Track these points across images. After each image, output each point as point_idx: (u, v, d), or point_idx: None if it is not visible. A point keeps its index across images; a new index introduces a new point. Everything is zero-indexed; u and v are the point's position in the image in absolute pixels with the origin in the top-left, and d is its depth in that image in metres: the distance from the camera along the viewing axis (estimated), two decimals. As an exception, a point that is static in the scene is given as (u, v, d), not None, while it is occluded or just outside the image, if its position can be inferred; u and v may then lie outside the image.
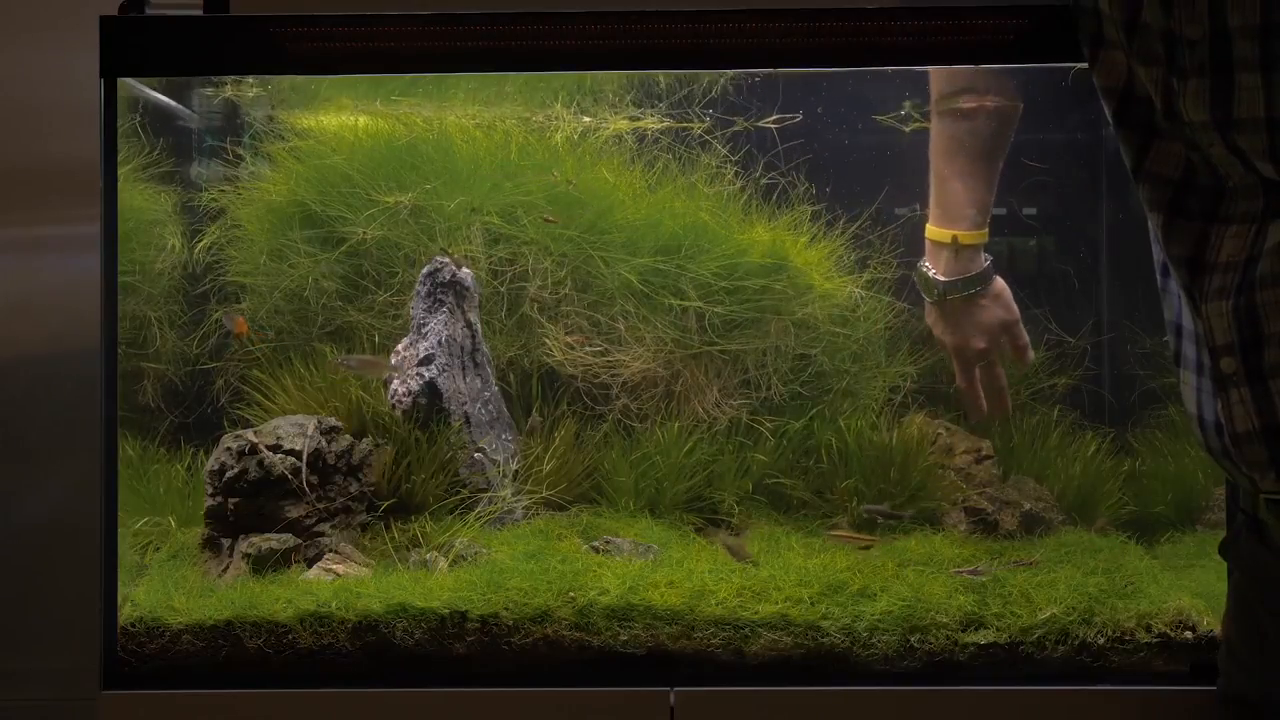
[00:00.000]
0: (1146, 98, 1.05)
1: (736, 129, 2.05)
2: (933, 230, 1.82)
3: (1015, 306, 1.86)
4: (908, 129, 2.00)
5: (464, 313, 1.97)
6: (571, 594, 1.64)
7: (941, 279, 1.80)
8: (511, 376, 2.04)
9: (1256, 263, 0.97)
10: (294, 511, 1.78)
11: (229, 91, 2.06)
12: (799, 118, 2.02)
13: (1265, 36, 0.92)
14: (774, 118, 2.02)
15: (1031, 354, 1.89)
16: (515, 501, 1.92)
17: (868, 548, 1.79)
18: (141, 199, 2.03)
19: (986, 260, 1.83)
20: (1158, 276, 1.20)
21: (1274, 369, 0.98)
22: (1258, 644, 1.02)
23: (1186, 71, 0.98)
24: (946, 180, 1.78)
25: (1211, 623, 1.56)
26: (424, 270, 1.95)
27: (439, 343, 1.92)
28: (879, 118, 2.03)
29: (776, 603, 1.63)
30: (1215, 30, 0.96)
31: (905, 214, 2.03)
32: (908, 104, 2.00)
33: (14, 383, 2.13)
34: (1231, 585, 1.22)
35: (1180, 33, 0.98)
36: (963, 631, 1.61)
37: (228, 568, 1.75)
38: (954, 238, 1.79)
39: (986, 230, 1.83)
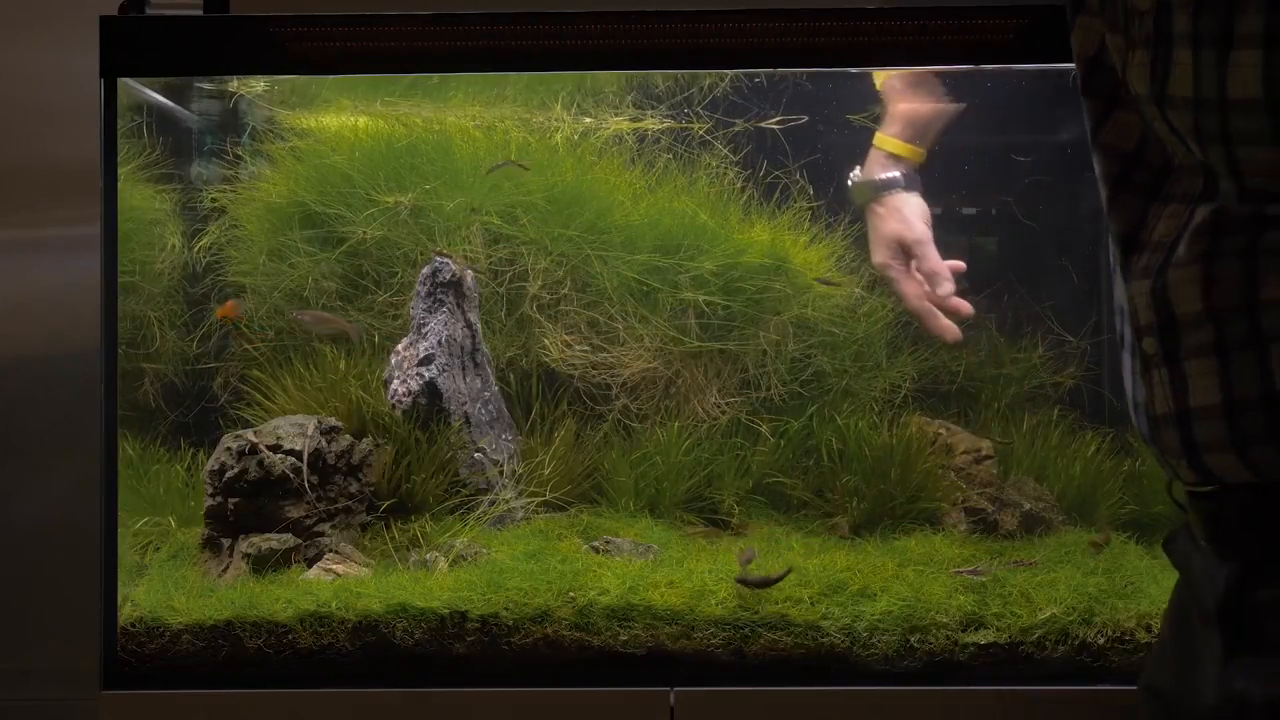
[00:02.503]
0: (1114, 67, 1.04)
1: (736, 129, 2.05)
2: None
3: (920, 226, 1.85)
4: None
5: (464, 313, 1.97)
6: (571, 594, 1.64)
7: (850, 179, 1.84)
8: (511, 376, 2.04)
9: (1180, 244, 0.97)
10: (294, 511, 1.77)
11: (230, 89, 2.05)
12: (803, 120, 2.02)
13: (1198, 12, 0.90)
14: (777, 119, 2.02)
15: (947, 284, 1.85)
16: (516, 503, 1.92)
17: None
18: (141, 199, 2.03)
19: (899, 174, 1.83)
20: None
21: (1186, 351, 0.96)
22: (1187, 640, 1.01)
23: (1135, 42, 0.97)
24: (894, 92, 1.84)
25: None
26: (424, 270, 1.95)
27: (439, 343, 1.92)
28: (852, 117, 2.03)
29: (776, 603, 1.63)
30: (1162, 1, 0.93)
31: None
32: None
33: (14, 383, 2.13)
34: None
35: (1133, 2, 0.97)
36: (963, 631, 1.61)
37: (228, 568, 1.75)
38: (876, 137, 1.83)
39: (914, 149, 1.85)
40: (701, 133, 2.06)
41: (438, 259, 1.95)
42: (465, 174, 2.06)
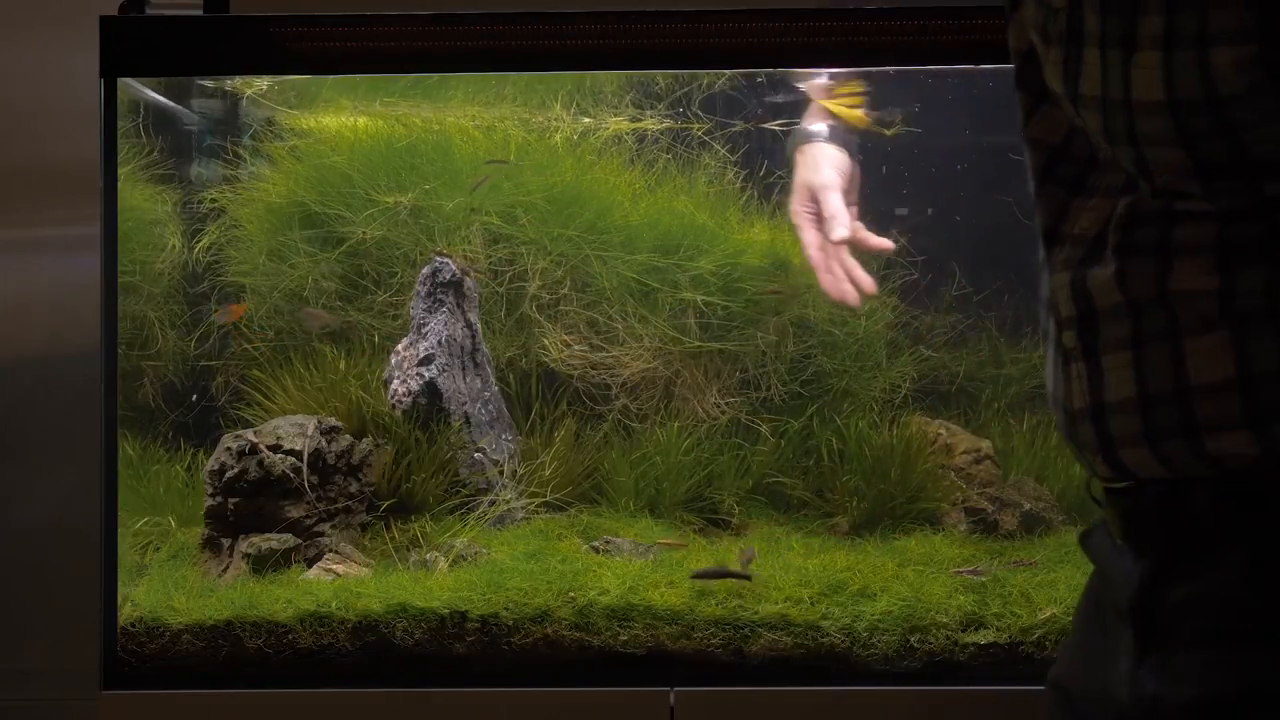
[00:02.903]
0: None
1: (735, 129, 2.05)
2: None
3: (829, 172, 1.82)
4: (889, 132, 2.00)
5: (464, 313, 1.97)
6: (571, 594, 1.64)
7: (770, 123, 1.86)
8: (511, 376, 2.04)
9: (1103, 238, 0.96)
10: (294, 511, 1.77)
11: (230, 88, 2.05)
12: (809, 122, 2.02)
13: (1104, 11, 0.89)
14: (780, 121, 2.02)
15: (840, 229, 1.80)
16: (516, 503, 1.92)
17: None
18: (141, 199, 2.03)
19: (825, 126, 1.83)
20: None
21: (1104, 345, 0.96)
22: (1100, 637, 1.01)
23: (1051, 39, 0.96)
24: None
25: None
26: (424, 270, 1.95)
27: (439, 343, 1.92)
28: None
29: (776, 603, 1.63)
30: None
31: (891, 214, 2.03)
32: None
33: (14, 383, 2.13)
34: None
35: None
36: (963, 631, 1.61)
37: (228, 568, 1.75)
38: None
39: (854, 113, 1.86)
40: (700, 133, 2.06)
41: (438, 259, 1.95)
42: (465, 174, 2.06)
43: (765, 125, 2.04)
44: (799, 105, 1.98)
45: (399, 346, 1.95)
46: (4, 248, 2.14)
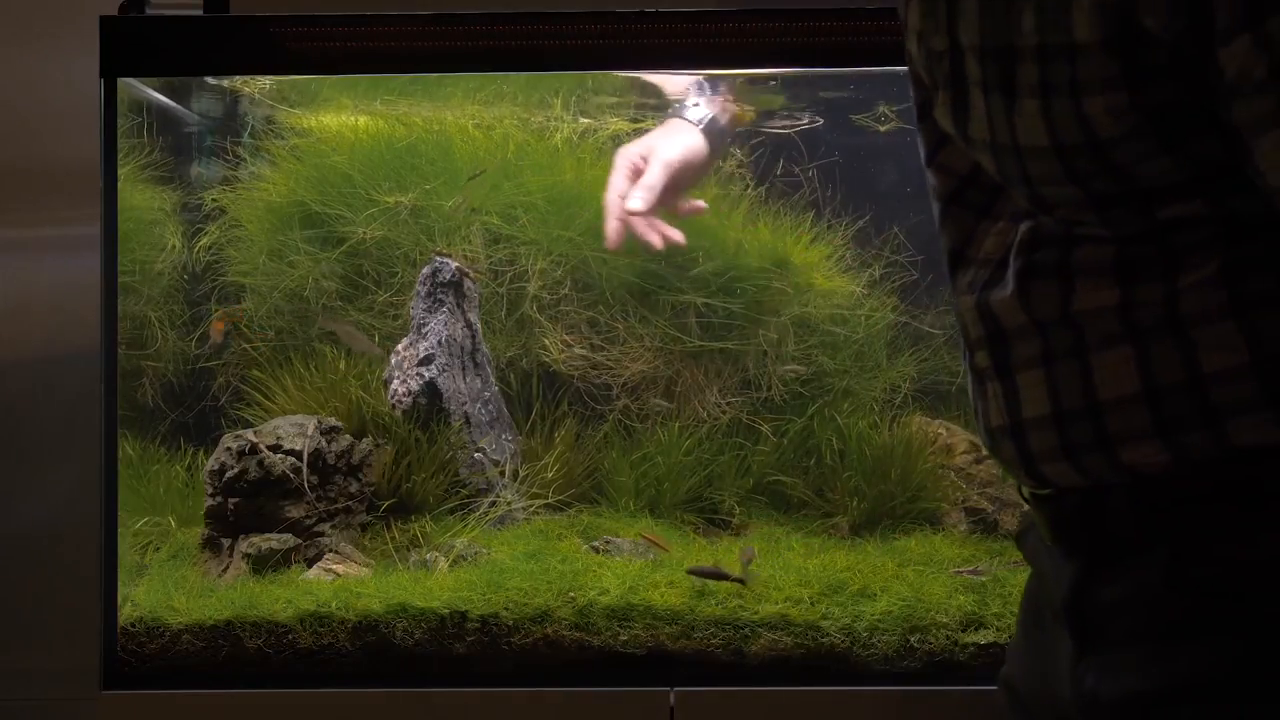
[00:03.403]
0: None
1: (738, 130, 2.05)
2: None
3: (664, 144, 1.82)
4: (882, 128, 2.01)
5: (464, 313, 1.97)
6: (571, 594, 1.64)
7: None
8: (511, 377, 2.04)
9: (1006, 262, 0.98)
10: (294, 511, 1.78)
11: (229, 87, 2.05)
12: (817, 122, 2.02)
13: (983, 58, 0.91)
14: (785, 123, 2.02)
15: (637, 200, 1.78)
16: (516, 506, 1.92)
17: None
18: (142, 199, 2.03)
19: (690, 104, 1.85)
20: None
21: (1016, 364, 0.97)
22: (1040, 636, 1.03)
23: (938, 83, 0.98)
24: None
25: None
26: (424, 270, 1.95)
27: (439, 343, 1.92)
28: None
29: (776, 603, 1.63)
30: (953, 44, 0.94)
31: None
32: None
33: (14, 383, 2.13)
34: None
35: (930, 43, 0.97)
36: (963, 631, 1.61)
37: (228, 568, 1.75)
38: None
39: (742, 108, 1.88)
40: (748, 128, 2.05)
41: (438, 259, 1.95)
42: (464, 175, 2.06)
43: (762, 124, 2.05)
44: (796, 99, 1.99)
45: (399, 346, 1.95)
46: (4, 248, 2.14)
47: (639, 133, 2.04)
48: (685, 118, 1.86)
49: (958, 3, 0.92)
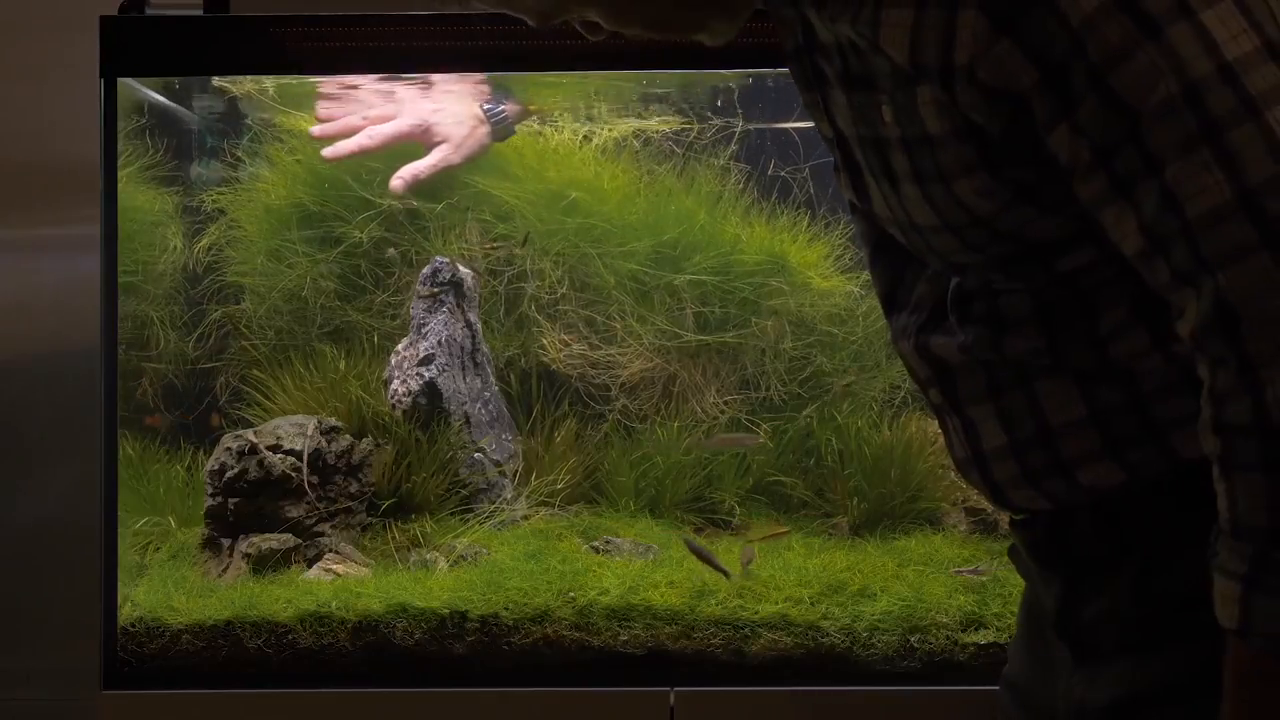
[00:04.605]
0: None
1: (737, 129, 2.05)
2: None
3: (451, 127, 1.94)
4: None
5: (464, 313, 1.97)
6: (571, 594, 1.64)
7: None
8: (511, 376, 2.04)
9: (942, 307, 1.00)
10: (294, 511, 1.78)
11: (229, 87, 2.05)
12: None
13: (863, 147, 0.94)
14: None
15: (402, 181, 1.94)
16: (516, 508, 1.92)
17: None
18: (141, 198, 2.03)
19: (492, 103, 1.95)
20: None
21: (965, 399, 0.99)
22: (1039, 644, 1.04)
23: (837, 165, 1.02)
24: None
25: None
26: (424, 270, 1.95)
27: (439, 343, 1.92)
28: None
29: (776, 603, 1.63)
30: (837, 133, 0.98)
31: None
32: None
33: (14, 383, 2.13)
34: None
35: (820, 129, 1.01)
36: (963, 631, 1.61)
37: (228, 568, 1.75)
38: None
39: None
40: (697, 132, 2.05)
41: (438, 259, 1.95)
42: (465, 174, 2.06)
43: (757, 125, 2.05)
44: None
45: (399, 346, 1.95)
46: (4, 248, 2.14)
47: (639, 132, 2.04)
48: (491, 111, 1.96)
49: (831, 94, 0.96)
